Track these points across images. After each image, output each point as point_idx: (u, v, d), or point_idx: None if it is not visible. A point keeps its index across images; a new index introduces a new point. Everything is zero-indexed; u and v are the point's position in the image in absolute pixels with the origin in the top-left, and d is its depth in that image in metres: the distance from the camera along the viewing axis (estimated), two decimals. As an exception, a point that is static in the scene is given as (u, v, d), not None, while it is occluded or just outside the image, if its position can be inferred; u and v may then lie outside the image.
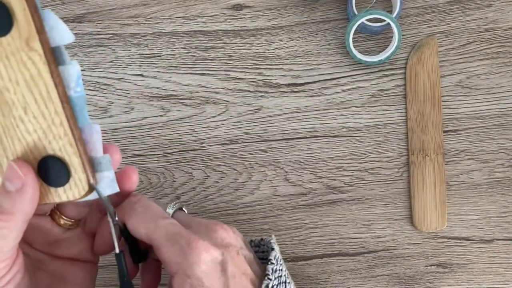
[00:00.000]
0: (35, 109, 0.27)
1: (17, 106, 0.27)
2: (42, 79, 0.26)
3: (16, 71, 0.26)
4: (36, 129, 0.28)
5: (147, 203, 0.33)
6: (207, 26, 0.48)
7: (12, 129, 0.28)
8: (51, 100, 0.27)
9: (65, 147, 0.28)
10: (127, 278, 0.32)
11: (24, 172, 0.27)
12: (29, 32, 0.25)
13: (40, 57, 0.26)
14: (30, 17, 0.25)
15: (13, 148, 0.28)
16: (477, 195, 0.47)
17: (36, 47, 0.26)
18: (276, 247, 0.37)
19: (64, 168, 0.28)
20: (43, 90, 0.27)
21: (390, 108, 0.47)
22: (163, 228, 0.31)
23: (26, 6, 0.25)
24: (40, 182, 0.29)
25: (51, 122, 0.27)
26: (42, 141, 0.28)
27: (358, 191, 0.47)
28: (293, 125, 0.47)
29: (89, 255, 0.34)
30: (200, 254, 0.30)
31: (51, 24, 0.26)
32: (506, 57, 0.47)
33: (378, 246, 0.47)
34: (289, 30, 0.48)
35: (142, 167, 0.48)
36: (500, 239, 0.46)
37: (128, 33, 0.48)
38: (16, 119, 0.28)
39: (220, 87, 0.48)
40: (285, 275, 0.35)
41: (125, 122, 0.48)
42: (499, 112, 0.47)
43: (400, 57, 0.47)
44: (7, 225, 0.27)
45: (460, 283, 0.47)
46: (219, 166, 0.48)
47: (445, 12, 0.47)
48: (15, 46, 0.26)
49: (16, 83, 0.27)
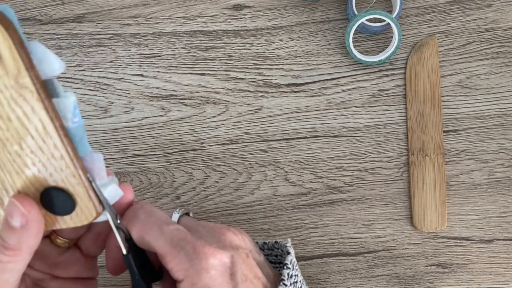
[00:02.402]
0: (32, 144, 0.26)
1: (12, 142, 0.26)
2: (36, 115, 0.25)
3: (7, 108, 0.25)
4: (35, 162, 0.26)
5: (150, 210, 0.32)
6: (207, 26, 0.48)
7: (9, 163, 0.26)
8: (48, 134, 0.25)
9: (68, 178, 0.27)
10: (139, 277, 0.31)
11: (27, 209, 0.27)
12: (17, 70, 0.23)
13: (32, 94, 0.24)
14: (17, 55, 0.23)
15: (12, 182, 0.27)
16: (477, 195, 0.47)
17: (27, 84, 0.24)
18: (292, 251, 0.35)
19: (69, 197, 0.27)
20: (38, 126, 0.25)
21: (390, 108, 0.47)
22: (168, 235, 0.30)
23: (11, 44, 0.23)
24: (45, 211, 0.28)
25: (50, 155, 0.26)
26: (43, 173, 0.27)
27: (358, 191, 0.47)
28: (293, 125, 0.47)
29: (88, 273, 0.34)
30: (207, 260, 0.29)
31: (39, 57, 0.24)
32: (506, 57, 0.47)
33: (378, 246, 0.47)
34: (289, 30, 0.48)
35: (142, 167, 0.48)
36: (500, 239, 0.46)
37: (128, 33, 0.48)
38: (12, 154, 0.26)
39: (220, 87, 0.48)
40: (300, 281, 0.33)
41: (125, 122, 0.48)
42: (499, 112, 0.47)
43: (400, 57, 0.47)
44: (13, 260, 0.27)
45: (460, 283, 0.47)
46: (219, 166, 0.48)
47: (445, 12, 0.47)
48: (3, 83, 0.24)
49: (8, 120, 0.25)
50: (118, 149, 0.48)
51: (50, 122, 0.25)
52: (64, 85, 0.48)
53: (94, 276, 0.35)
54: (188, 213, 0.35)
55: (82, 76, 0.48)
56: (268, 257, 0.37)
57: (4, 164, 0.26)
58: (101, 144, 0.48)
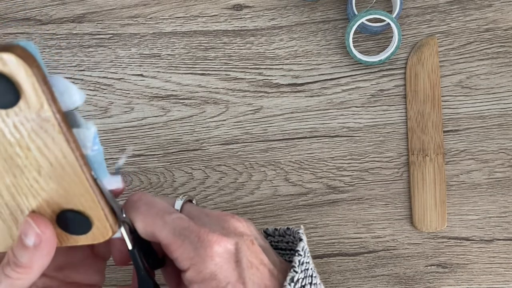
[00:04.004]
0: (51, 171, 0.26)
1: (30, 169, 0.26)
2: (57, 146, 0.25)
3: (27, 139, 0.25)
4: (53, 187, 0.26)
5: (150, 200, 0.32)
6: (207, 26, 0.48)
7: (26, 188, 0.27)
8: (68, 163, 0.26)
9: (86, 203, 0.27)
10: (144, 272, 0.31)
11: (41, 229, 0.27)
12: (40, 105, 0.23)
13: (54, 126, 0.24)
14: (40, 91, 0.23)
15: (28, 204, 0.27)
16: (477, 195, 0.47)
17: (49, 118, 0.24)
18: (304, 237, 0.34)
19: (85, 219, 0.28)
20: (58, 155, 0.25)
21: (390, 108, 0.47)
22: (171, 224, 0.30)
23: (35, 81, 0.23)
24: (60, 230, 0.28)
25: (69, 181, 0.26)
26: (60, 197, 0.27)
27: (358, 191, 0.47)
28: (293, 125, 0.47)
29: (95, 277, 0.34)
30: (212, 247, 0.29)
31: (61, 90, 0.24)
32: (506, 57, 0.47)
33: (378, 246, 0.47)
34: (289, 30, 0.48)
35: (142, 167, 0.48)
36: (500, 239, 0.46)
37: (128, 33, 0.48)
38: (30, 179, 0.26)
39: (220, 87, 0.48)
40: (311, 268, 0.32)
41: (125, 122, 0.48)
42: (499, 112, 0.47)
43: (400, 57, 0.47)
44: (22, 277, 0.28)
45: (460, 283, 0.47)
46: (219, 166, 0.48)
47: (445, 12, 0.47)
48: (24, 116, 0.24)
49: (28, 149, 0.25)
50: (118, 149, 0.48)
51: (70, 152, 0.25)
52: (64, 85, 0.48)
53: (99, 284, 0.35)
54: (191, 200, 0.35)
55: (82, 76, 0.48)
56: (278, 244, 0.36)
57: (21, 188, 0.27)
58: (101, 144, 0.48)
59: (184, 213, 0.33)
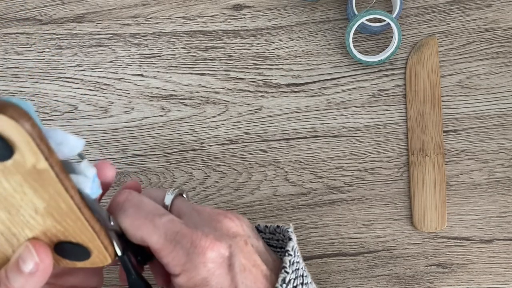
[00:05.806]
0: (48, 212, 0.25)
1: (26, 209, 0.25)
2: (54, 192, 0.25)
3: (24, 185, 0.24)
4: (50, 224, 0.26)
5: (137, 201, 0.30)
6: (207, 26, 0.48)
7: (22, 223, 0.26)
8: (67, 206, 0.25)
9: (85, 238, 0.27)
10: (135, 276, 0.31)
11: (41, 257, 0.27)
12: (35, 159, 0.23)
13: (51, 177, 0.24)
14: (35, 147, 0.23)
15: (25, 235, 0.27)
16: (477, 195, 0.47)
17: (45, 169, 0.23)
18: (294, 236, 0.33)
19: (84, 249, 0.27)
20: (57, 199, 0.25)
21: (390, 108, 0.47)
22: (161, 229, 0.29)
23: (30, 139, 0.22)
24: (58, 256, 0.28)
25: (66, 218, 0.26)
26: (58, 232, 0.27)
27: (358, 191, 0.47)
28: (293, 125, 0.47)
29: (93, 281, 0.34)
30: (205, 253, 0.28)
31: (58, 141, 0.24)
32: (506, 57, 0.47)
33: (378, 246, 0.47)
34: (289, 30, 0.48)
35: (142, 167, 0.48)
36: (500, 239, 0.46)
37: (128, 33, 0.48)
38: (26, 217, 0.26)
39: (220, 87, 0.48)
40: (302, 268, 0.32)
41: (125, 122, 0.48)
42: (499, 112, 0.47)
43: (400, 57, 0.47)
44: None
45: (460, 283, 0.47)
46: (219, 166, 0.48)
47: (445, 12, 0.47)
48: (20, 170, 0.23)
49: (23, 193, 0.25)
50: (118, 149, 0.48)
51: (69, 198, 0.25)
52: (64, 85, 0.48)
53: (98, 286, 0.34)
54: (182, 194, 0.34)
55: (82, 76, 0.48)
56: (269, 241, 0.36)
57: (17, 223, 0.26)
58: (101, 144, 0.48)
59: (174, 209, 0.32)
